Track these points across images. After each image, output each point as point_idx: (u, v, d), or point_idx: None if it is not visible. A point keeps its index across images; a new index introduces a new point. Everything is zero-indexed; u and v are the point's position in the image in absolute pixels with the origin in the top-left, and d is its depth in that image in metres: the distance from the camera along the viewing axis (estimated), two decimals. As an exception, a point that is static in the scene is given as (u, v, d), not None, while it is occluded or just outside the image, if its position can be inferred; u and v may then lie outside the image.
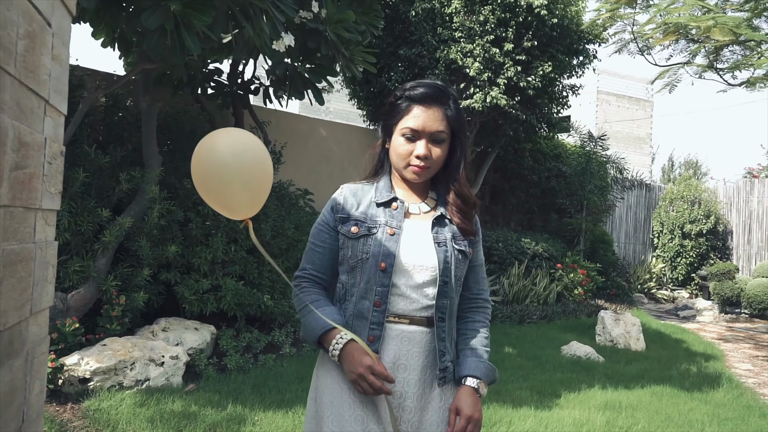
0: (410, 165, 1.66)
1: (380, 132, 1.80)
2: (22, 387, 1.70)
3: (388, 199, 1.69)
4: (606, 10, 6.75)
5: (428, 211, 1.73)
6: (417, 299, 1.63)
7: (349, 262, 1.66)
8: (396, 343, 1.63)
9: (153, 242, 4.73)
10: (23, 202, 1.51)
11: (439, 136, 1.65)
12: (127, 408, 3.61)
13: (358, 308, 1.63)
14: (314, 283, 1.73)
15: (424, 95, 1.65)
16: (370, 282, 1.61)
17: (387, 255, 1.61)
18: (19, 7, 1.40)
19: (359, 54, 4.85)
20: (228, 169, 1.58)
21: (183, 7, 3.36)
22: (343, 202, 1.71)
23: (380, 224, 1.66)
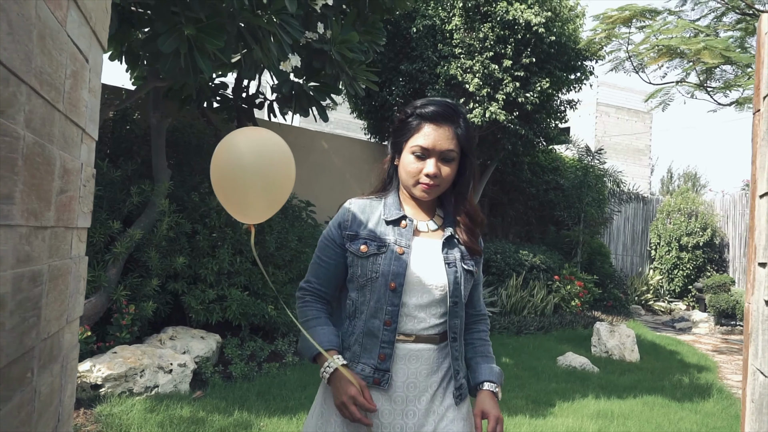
0: (419, 183, 1.66)
1: (389, 148, 1.80)
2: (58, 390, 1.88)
3: (398, 217, 1.69)
4: (602, 29, 6.94)
5: (436, 230, 1.73)
6: (424, 318, 1.64)
7: (359, 281, 1.66)
8: (404, 362, 1.63)
9: (162, 253, 4.89)
10: (64, 222, 1.69)
11: (449, 155, 1.65)
12: (138, 413, 3.76)
13: (368, 326, 1.63)
14: (317, 298, 1.75)
15: (435, 113, 1.65)
16: (380, 301, 1.61)
17: (397, 275, 1.61)
18: (67, 50, 1.59)
19: (362, 72, 5.03)
20: (249, 171, 1.56)
21: (197, 32, 3.54)
22: (351, 219, 1.71)
23: (389, 243, 1.65)
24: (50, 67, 1.48)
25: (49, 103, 1.49)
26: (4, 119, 1.21)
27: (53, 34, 1.46)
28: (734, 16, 6.58)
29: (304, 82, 5.04)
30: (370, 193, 1.81)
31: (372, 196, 1.78)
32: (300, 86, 4.98)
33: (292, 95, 4.99)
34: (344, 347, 1.68)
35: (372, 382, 1.62)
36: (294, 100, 5.01)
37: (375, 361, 1.61)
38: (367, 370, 1.62)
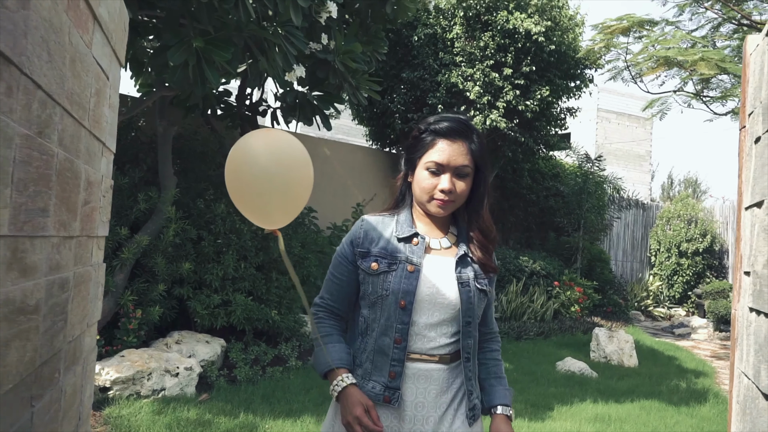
0: (434, 199, 1.65)
1: (402, 165, 1.78)
2: (79, 390, 1.98)
3: (409, 234, 1.68)
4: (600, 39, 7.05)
5: (449, 247, 1.72)
6: (435, 338, 1.63)
7: (370, 298, 1.66)
8: (413, 381, 1.62)
9: (168, 259, 4.99)
10: (87, 231, 1.79)
11: (464, 171, 1.64)
12: (146, 415, 3.86)
13: (379, 344, 1.62)
14: (330, 314, 1.75)
15: (449, 129, 1.64)
16: (390, 319, 1.61)
17: (407, 293, 1.60)
18: (93, 70, 1.70)
19: (365, 82, 5.13)
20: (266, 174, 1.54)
21: (205, 44, 3.64)
22: (363, 236, 1.70)
23: (401, 260, 1.64)
24: (79, 87, 1.59)
25: (77, 121, 1.60)
26: (42, 139, 1.31)
27: (82, 57, 1.57)
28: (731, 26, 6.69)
29: (308, 92, 5.14)
30: (383, 209, 1.81)
31: (385, 213, 1.78)
32: (304, 95, 5.09)
33: (296, 104, 5.09)
34: (356, 364, 1.68)
35: (382, 400, 1.61)
36: (298, 109, 5.12)
37: (385, 379, 1.61)
38: (378, 387, 1.62)
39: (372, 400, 1.61)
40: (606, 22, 7.03)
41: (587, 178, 11.04)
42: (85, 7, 1.58)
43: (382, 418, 1.62)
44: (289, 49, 4.16)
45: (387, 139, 9.56)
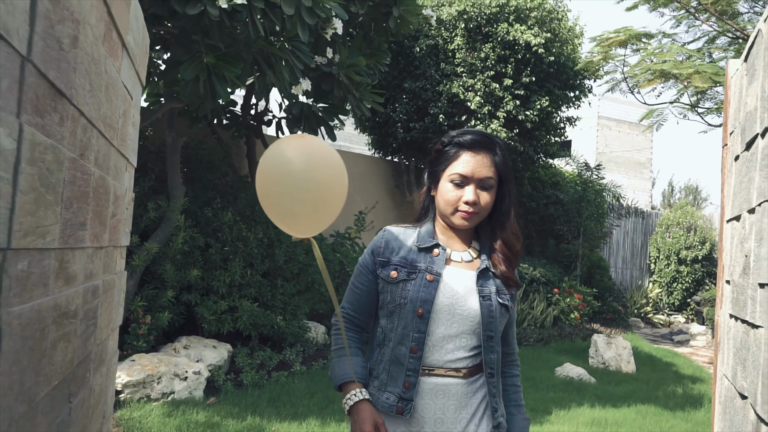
0: (458, 210, 1.64)
1: (426, 179, 1.79)
2: (105, 390, 2.12)
3: (430, 245, 1.68)
4: (598, 51, 7.21)
5: (470, 261, 1.71)
6: (452, 350, 1.61)
7: (388, 307, 1.66)
8: (431, 397, 1.60)
9: (177, 266, 5.13)
10: (114, 242, 1.94)
11: (488, 182, 1.64)
12: (157, 418, 3.99)
13: (395, 354, 1.62)
14: (351, 325, 1.77)
15: (473, 141, 1.64)
16: (407, 327, 1.60)
17: (425, 301, 1.59)
18: (121, 94, 1.85)
19: (368, 94, 5.28)
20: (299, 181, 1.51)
21: (216, 60, 3.80)
22: (384, 246, 1.71)
23: (420, 270, 1.64)
24: (110, 110, 1.74)
25: (108, 141, 1.75)
26: (83, 160, 1.46)
27: (114, 83, 1.72)
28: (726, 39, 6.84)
29: (313, 104, 5.29)
30: (407, 222, 1.81)
31: (408, 225, 1.78)
32: (309, 107, 5.24)
33: (302, 116, 5.24)
34: (373, 375, 1.68)
35: (395, 411, 1.60)
36: (303, 120, 5.27)
37: (399, 389, 1.60)
38: (392, 398, 1.61)
39: (385, 412, 1.61)
40: (604, 35, 7.19)
41: (587, 186, 11.18)
42: (117, 37, 1.73)
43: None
44: (295, 63, 4.31)
45: (389, 147, 9.71)
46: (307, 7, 3.85)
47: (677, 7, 6.54)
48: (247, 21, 3.68)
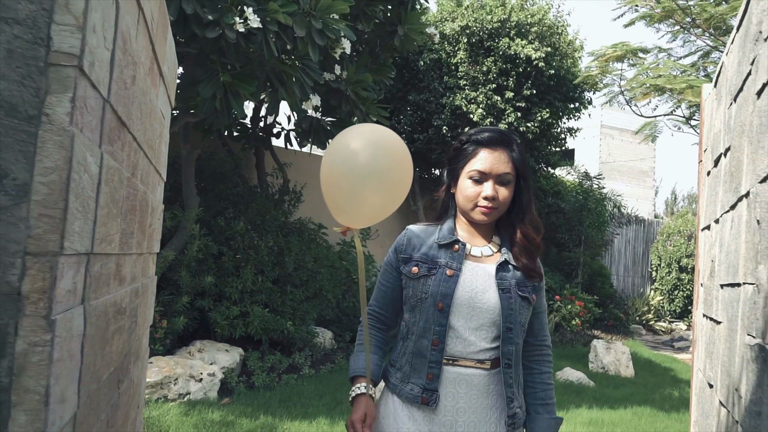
0: (478, 206, 1.68)
1: (445, 177, 1.83)
2: (140, 382, 2.35)
3: (450, 241, 1.72)
4: (596, 66, 7.45)
5: (491, 255, 1.74)
6: (475, 342, 1.65)
7: (410, 302, 1.72)
8: (454, 386, 1.64)
9: (191, 273, 5.37)
10: (149, 249, 2.17)
11: (506, 178, 1.67)
12: (174, 416, 4.21)
13: (418, 347, 1.67)
14: (376, 320, 1.84)
15: (490, 138, 1.69)
16: (428, 321, 1.65)
17: (445, 295, 1.64)
18: (158, 117, 2.09)
19: (374, 109, 5.52)
20: (372, 176, 1.53)
21: (232, 78, 4.04)
22: (407, 243, 1.76)
23: (440, 265, 1.68)
24: (151, 133, 1.98)
25: (149, 160, 1.99)
26: (134, 178, 1.70)
27: (154, 109, 1.96)
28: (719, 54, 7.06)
29: (322, 118, 5.53)
30: (428, 221, 1.86)
31: (429, 223, 1.83)
32: (318, 121, 5.48)
33: (311, 129, 5.48)
34: (396, 368, 1.74)
35: (420, 401, 1.64)
36: (312, 133, 5.51)
37: (423, 381, 1.64)
38: (416, 390, 1.65)
39: (410, 402, 1.66)
40: (602, 50, 7.43)
41: (588, 195, 11.38)
42: (157, 69, 1.97)
43: (422, 422, 1.65)
44: (306, 80, 4.55)
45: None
46: (318, 29, 4.10)
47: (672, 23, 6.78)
48: (262, 42, 3.93)
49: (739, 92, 1.62)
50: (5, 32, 0.96)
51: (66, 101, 0.99)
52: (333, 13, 4.23)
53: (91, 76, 1.08)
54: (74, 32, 0.99)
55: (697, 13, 6.22)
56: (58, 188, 0.98)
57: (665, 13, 6.51)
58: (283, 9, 3.87)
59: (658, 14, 6.94)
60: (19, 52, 0.97)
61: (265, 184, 7.19)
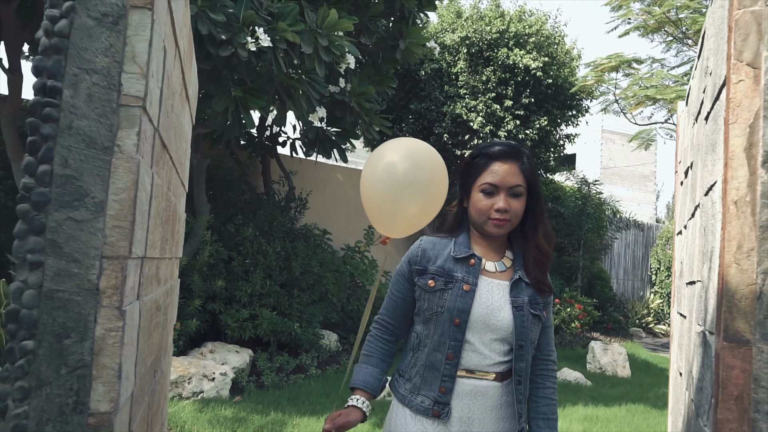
0: (490, 219, 1.69)
1: (458, 191, 1.84)
2: (167, 375, 2.58)
3: (466, 255, 1.73)
4: (592, 76, 7.69)
5: (504, 270, 1.75)
6: (489, 355, 1.67)
7: (425, 314, 1.72)
8: (469, 398, 1.66)
9: (203, 277, 5.60)
10: (175, 254, 2.41)
11: (517, 190, 1.68)
12: (190, 413, 4.44)
13: (431, 360, 1.68)
14: (385, 331, 1.85)
15: (500, 152, 1.70)
16: (444, 335, 1.66)
17: (462, 311, 1.65)
18: (184, 136, 2.32)
19: (377, 119, 5.77)
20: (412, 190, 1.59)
21: (243, 93, 4.29)
22: (421, 255, 1.77)
23: (457, 279, 1.69)
24: (180, 150, 2.22)
25: (178, 174, 2.23)
26: (169, 192, 1.94)
27: (182, 128, 2.20)
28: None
29: (327, 128, 5.78)
30: (440, 232, 1.87)
31: (442, 234, 1.84)
32: (324, 131, 5.73)
33: (317, 139, 5.73)
34: (406, 378, 1.75)
35: (431, 414, 1.66)
36: (318, 143, 5.75)
37: (435, 393, 1.66)
38: (427, 402, 1.67)
39: (420, 414, 1.68)
40: (597, 61, 7.67)
41: (586, 200, 11.60)
42: (185, 92, 2.21)
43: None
44: (312, 93, 4.80)
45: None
46: (324, 46, 4.34)
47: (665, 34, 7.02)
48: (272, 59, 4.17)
49: (698, 114, 1.85)
50: (86, 80, 1.21)
51: (133, 135, 1.23)
52: (338, 31, 4.47)
53: (149, 113, 1.32)
54: (139, 79, 1.24)
55: (688, 24, 6.46)
56: (127, 205, 1.22)
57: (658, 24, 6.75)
58: (292, 28, 4.12)
59: (651, 26, 7.18)
60: (97, 96, 1.21)
61: (271, 192, 7.43)
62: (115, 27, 1.22)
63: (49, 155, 1.18)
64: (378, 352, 1.84)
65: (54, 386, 1.17)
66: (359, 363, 1.84)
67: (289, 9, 4.16)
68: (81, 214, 1.18)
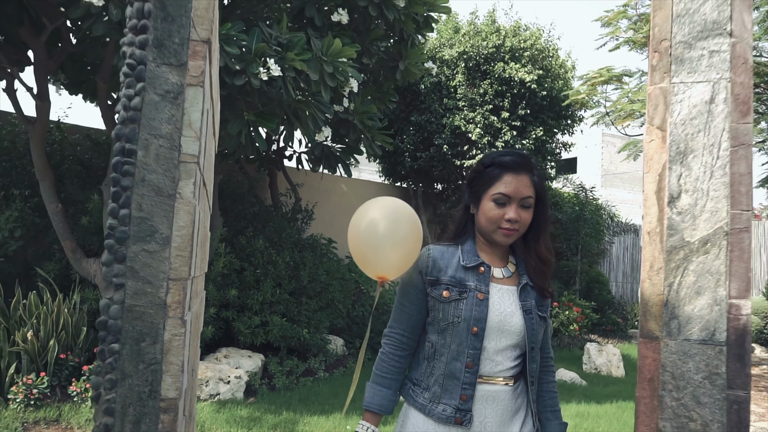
0: (501, 228, 1.72)
1: (466, 198, 1.85)
2: (196, 373, 2.94)
3: (476, 264, 1.76)
4: (584, 90, 8.04)
5: (510, 276, 1.80)
6: (501, 361, 1.72)
7: (440, 324, 1.74)
8: (482, 403, 1.71)
9: (217, 287, 5.96)
10: (204, 269, 2.75)
11: (528, 201, 1.72)
12: (208, 413, 4.80)
13: (450, 369, 1.71)
14: (398, 346, 1.84)
15: (514, 163, 1.73)
16: (462, 344, 1.69)
17: (478, 319, 1.69)
18: (213, 165, 2.67)
19: (379, 136, 6.13)
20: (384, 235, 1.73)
21: (255, 117, 4.65)
22: (431, 265, 1.78)
23: (470, 288, 1.72)
24: (209, 178, 2.56)
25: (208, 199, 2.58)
26: (203, 214, 2.28)
27: (212, 161, 2.54)
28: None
29: (332, 145, 6.14)
30: (444, 239, 1.90)
31: (448, 242, 1.86)
32: (329, 148, 6.09)
33: (323, 155, 6.09)
34: (423, 387, 1.77)
35: (454, 421, 1.70)
36: (324, 159, 6.11)
37: (456, 401, 1.69)
38: (449, 410, 1.70)
39: (442, 423, 1.72)
40: (589, 74, 8.02)
41: (584, 205, 11.94)
42: (213, 126, 2.55)
43: None
44: (318, 115, 5.16)
45: (398, 174, 10.55)
46: (329, 73, 4.70)
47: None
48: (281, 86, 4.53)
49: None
50: (154, 143, 1.57)
51: (191, 184, 1.59)
52: (342, 58, 4.83)
53: (201, 165, 1.68)
54: (194, 141, 1.60)
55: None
56: (186, 239, 1.58)
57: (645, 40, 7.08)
58: (300, 57, 4.48)
59: (640, 39, 7.52)
60: (163, 155, 1.57)
61: (279, 204, 7.79)
62: (175, 101, 1.58)
63: (127, 202, 1.54)
64: (392, 372, 1.83)
65: (134, 378, 1.52)
66: (372, 383, 1.84)
67: (297, 39, 4.53)
68: (152, 247, 1.54)
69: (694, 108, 1.46)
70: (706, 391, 1.40)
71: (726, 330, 1.40)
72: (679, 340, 1.43)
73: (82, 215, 5.74)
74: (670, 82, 1.47)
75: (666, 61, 1.49)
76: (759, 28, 6.56)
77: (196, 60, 1.62)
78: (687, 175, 1.46)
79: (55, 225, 5.39)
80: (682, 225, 1.45)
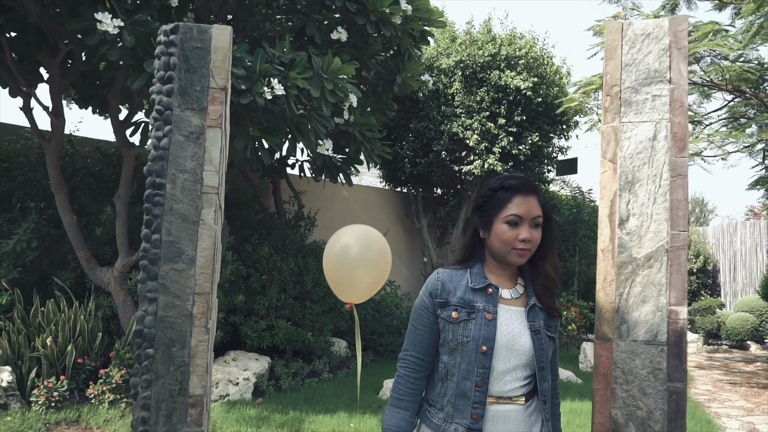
0: (515, 249, 1.76)
1: (475, 222, 1.89)
2: (211, 376, 3.21)
3: (484, 285, 1.80)
4: (578, 98, 8.29)
5: (518, 297, 1.84)
6: (510, 381, 1.76)
7: (450, 345, 1.78)
8: (493, 423, 1.74)
9: (225, 292, 6.23)
10: (218, 279, 3.02)
11: (538, 221, 1.77)
12: (219, 413, 5.06)
13: (461, 388, 1.75)
14: (414, 368, 1.87)
15: (522, 185, 1.79)
16: (471, 364, 1.74)
17: (487, 339, 1.73)
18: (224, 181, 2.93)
19: (378, 147, 6.39)
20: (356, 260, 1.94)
21: (260, 133, 4.92)
22: (441, 288, 1.83)
23: (479, 309, 1.77)
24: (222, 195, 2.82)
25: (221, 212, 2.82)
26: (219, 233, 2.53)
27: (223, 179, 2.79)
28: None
29: (333, 156, 6.41)
30: (453, 263, 1.95)
31: (457, 266, 1.91)
32: (330, 159, 6.35)
33: (324, 166, 6.36)
34: (437, 408, 1.81)
35: None
36: (325, 169, 6.38)
37: (468, 421, 1.73)
38: (461, 429, 1.73)
39: None
40: (583, 81, 8.28)
41: (581, 208, 12.19)
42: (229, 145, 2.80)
43: None
44: (320, 128, 5.42)
45: (398, 180, 10.82)
46: (330, 89, 4.97)
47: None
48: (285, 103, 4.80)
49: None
50: (180, 177, 1.83)
51: (212, 212, 1.85)
52: (342, 75, 5.10)
53: (219, 195, 1.94)
54: (214, 175, 1.86)
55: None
56: (209, 259, 1.84)
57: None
58: (302, 75, 4.74)
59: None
60: (188, 188, 1.83)
61: (282, 211, 8.06)
62: (197, 141, 1.85)
63: (158, 228, 1.80)
64: (409, 394, 1.86)
65: (166, 378, 1.79)
66: (390, 405, 1.88)
67: (300, 59, 4.79)
68: (180, 266, 1.81)
69: (640, 144, 1.72)
70: (650, 383, 1.66)
71: (666, 332, 1.66)
72: (628, 341, 1.69)
73: (96, 226, 6.01)
74: (620, 121, 1.74)
75: (617, 103, 1.75)
76: (743, 37, 6.82)
77: (215, 105, 1.88)
78: (634, 201, 1.72)
79: (70, 236, 5.66)
80: (630, 243, 1.70)
